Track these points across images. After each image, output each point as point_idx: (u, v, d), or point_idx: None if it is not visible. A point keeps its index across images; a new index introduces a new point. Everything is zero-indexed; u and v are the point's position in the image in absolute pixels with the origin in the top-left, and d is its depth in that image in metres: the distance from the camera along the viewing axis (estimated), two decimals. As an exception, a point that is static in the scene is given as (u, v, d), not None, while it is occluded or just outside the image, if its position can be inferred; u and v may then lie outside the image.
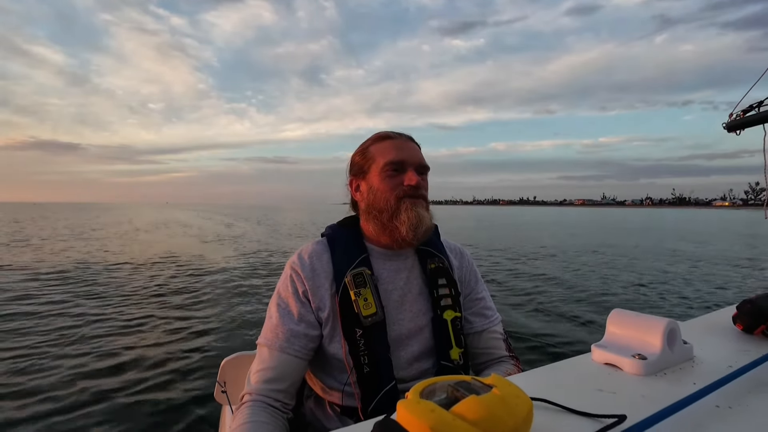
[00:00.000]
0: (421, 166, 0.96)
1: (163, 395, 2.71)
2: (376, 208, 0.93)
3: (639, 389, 0.52)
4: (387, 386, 0.85)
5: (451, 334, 0.92)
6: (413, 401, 0.38)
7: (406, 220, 0.90)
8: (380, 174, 0.93)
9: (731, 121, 1.12)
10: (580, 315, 4.85)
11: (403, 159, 0.93)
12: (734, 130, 1.13)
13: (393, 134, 0.98)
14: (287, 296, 0.91)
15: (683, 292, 6.19)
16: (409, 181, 0.91)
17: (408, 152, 0.94)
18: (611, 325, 0.64)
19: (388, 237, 0.94)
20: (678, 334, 0.60)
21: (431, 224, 0.94)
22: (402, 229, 0.90)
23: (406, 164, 0.93)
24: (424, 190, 0.94)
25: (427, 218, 0.92)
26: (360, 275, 0.89)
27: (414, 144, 0.99)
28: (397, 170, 0.93)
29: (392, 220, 0.91)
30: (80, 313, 4.78)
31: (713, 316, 0.86)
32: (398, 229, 0.91)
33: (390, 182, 0.92)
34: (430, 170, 0.99)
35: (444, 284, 0.95)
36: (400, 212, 0.91)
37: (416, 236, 0.91)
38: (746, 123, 1.09)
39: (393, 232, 0.92)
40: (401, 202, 0.91)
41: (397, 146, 0.95)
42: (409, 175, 0.92)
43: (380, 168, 0.93)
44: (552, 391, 0.51)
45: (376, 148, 0.96)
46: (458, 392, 0.41)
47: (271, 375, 0.84)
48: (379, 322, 0.87)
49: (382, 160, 0.93)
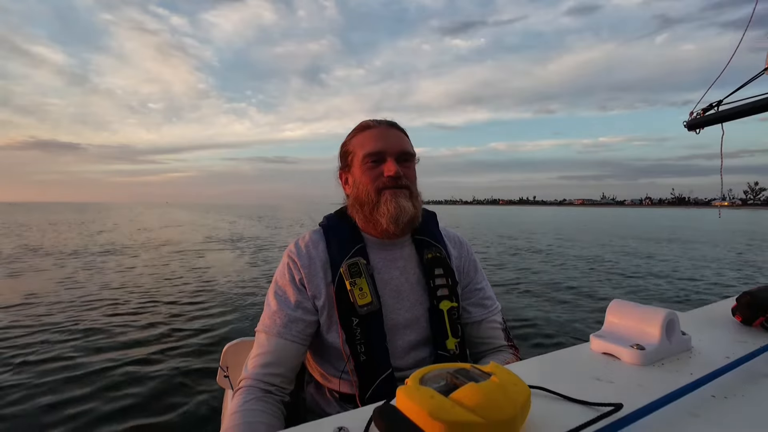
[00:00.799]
0: (403, 153, 0.93)
1: (167, 379, 2.76)
2: (359, 201, 0.92)
3: (636, 379, 0.53)
4: (383, 374, 0.85)
5: (447, 324, 0.92)
6: (413, 387, 0.39)
7: (386, 212, 0.89)
8: (361, 166, 0.92)
9: (691, 120, 1.14)
10: (580, 305, 4.88)
11: (382, 149, 0.91)
12: (694, 128, 1.15)
13: (373, 123, 0.95)
14: (284, 284, 0.91)
15: (683, 284, 6.20)
16: (388, 171, 0.89)
17: (387, 141, 0.92)
18: (611, 315, 0.64)
19: (374, 229, 0.93)
20: (677, 324, 0.60)
21: (416, 213, 0.92)
22: (383, 222, 0.89)
23: (386, 154, 0.91)
24: (406, 180, 0.92)
25: (409, 208, 0.90)
26: (355, 265, 0.89)
27: (396, 130, 0.96)
28: (376, 161, 0.91)
29: (373, 213, 0.90)
30: (84, 299, 4.83)
31: (713, 307, 0.86)
32: (379, 221, 0.90)
33: (370, 174, 0.91)
34: (417, 158, 0.97)
35: (441, 274, 0.94)
36: (380, 204, 0.89)
37: (398, 227, 0.90)
38: (706, 122, 1.10)
39: (376, 224, 0.92)
40: (381, 194, 0.89)
41: (376, 136, 0.92)
42: (388, 165, 0.90)
43: (360, 160, 0.92)
44: (550, 380, 0.51)
45: (357, 139, 0.94)
46: (457, 379, 0.41)
47: (268, 360, 0.85)
48: (375, 312, 0.87)
49: (362, 151, 0.92)
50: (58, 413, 2.30)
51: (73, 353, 3.16)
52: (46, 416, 2.28)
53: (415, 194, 0.94)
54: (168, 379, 2.77)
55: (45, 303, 4.65)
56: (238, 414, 0.77)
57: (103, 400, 2.46)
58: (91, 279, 6.02)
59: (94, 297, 4.94)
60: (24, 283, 5.79)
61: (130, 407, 2.40)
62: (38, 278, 6.09)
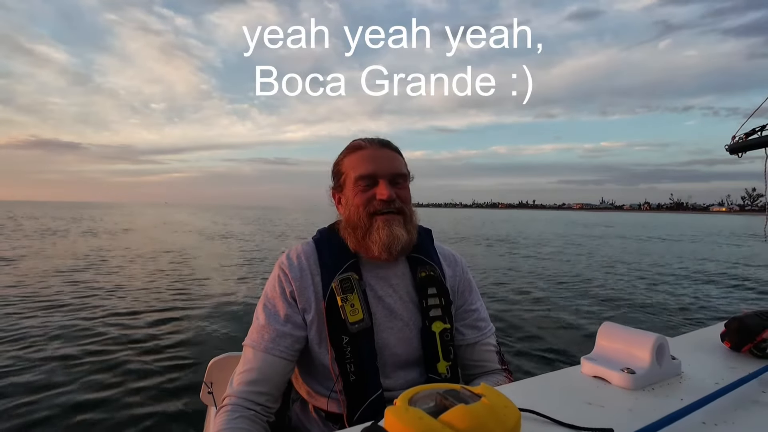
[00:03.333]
0: (396, 175, 0.90)
1: (149, 395, 2.68)
2: (351, 224, 0.91)
3: (627, 403, 0.52)
4: (373, 395, 0.83)
5: (438, 347, 0.90)
6: (401, 408, 0.38)
7: (377, 240, 0.87)
8: (353, 188, 0.90)
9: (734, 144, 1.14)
10: (571, 326, 4.87)
11: (374, 171, 0.88)
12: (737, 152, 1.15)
13: (364, 143, 0.93)
14: (274, 297, 0.90)
15: (673, 308, 6.24)
16: (381, 195, 0.87)
17: (379, 163, 0.89)
18: (601, 338, 0.64)
19: (365, 253, 0.92)
20: (666, 349, 0.61)
21: (410, 239, 0.91)
22: (374, 249, 0.88)
23: (377, 176, 0.88)
24: (400, 201, 0.90)
25: (402, 236, 0.87)
26: (348, 280, 0.87)
27: (389, 151, 0.93)
28: (368, 185, 0.89)
29: (365, 239, 0.88)
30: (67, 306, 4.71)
31: (702, 332, 0.87)
32: (371, 248, 0.88)
33: (362, 197, 0.89)
34: (411, 176, 0.96)
35: (434, 293, 0.92)
36: (372, 231, 0.87)
37: (391, 255, 0.88)
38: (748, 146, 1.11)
39: (367, 250, 0.90)
40: (373, 219, 0.88)
41: (367, 157, 0.90)
42: (380, 189, 0.87)
43: (353, 182, 0.90)
44: (540, 403, 0.51)
45: (348, 160, 0.93)
46: (447, 401, 0.41)
47: (254, 377, 0.83)
48: (366, 329, 0.85)
49: (353, 173, 0.90)
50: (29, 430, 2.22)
51: (46, 364, 3.05)
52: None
53: (409, 217, 0.92)
54: (148, 394, 2.69)
55: (19, 305, 4.53)
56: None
57: (78, 415, 2.37)
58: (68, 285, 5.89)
59: (67, 304, 4.82)
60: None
61: (107, 421, 2.32)
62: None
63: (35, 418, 2.32)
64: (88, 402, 2.53)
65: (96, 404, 2.51)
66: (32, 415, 2.34)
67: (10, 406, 2.42)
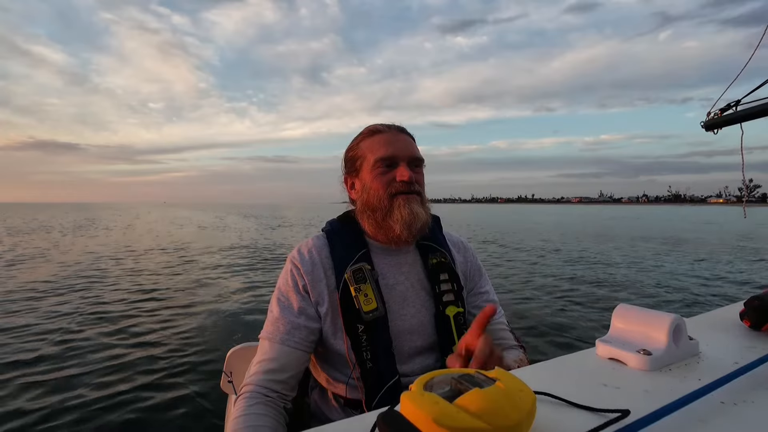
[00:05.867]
0: (414, 159, 0.92)
1: (171, 384, 2.76)
2: (370, 206, 0.91)
3: (643, 384, 0.52)
4: (390, 381, 0.85)
5: (453, 330, 0.91)
6: (417, 393, 0.39)
7: (399, 218, 0.88)
8: (372, 171, 0.91)
9: (709, 120, 1.13)
10: (585, 309, 4.84)
11: (394, 154, 0.90)
12: (712, 129, 1.14)
13: (383, 127, 0.95)
14: (287, 290, 0.91)
15: (689, 288, 6.15)
16: (401, 176, 0.88)
17: (399, 146, 0.91)
18: (616, 320, 0.64)
19: (384, 235, 0.92)
20: (684, 329, 0.60)
21: (427, 219, 0.92)
22: (396, 228, 0.89)
23: (398, 159, 0.90)
24: (418, 185, 0.91)
25: (422, 214, 0.90)
26: (360, 270, 0.88)
27: (406, 136, 0.95)
28: (388, 166, 0.90)
29: (386, 219, 0.89)
30: (87, 302, 4.85)
31: (720, 312, 0.85)
32: (392, 227, 0.89)
33: (382, 179, 0.90)
34: (424, 163, 0.96)
35: (446, 279, 0.94)
36: (393, 210, 0.88)
37: (411, 234, 0.89)
38: (724, 122, 1.10)
39: (388, 231, 0.91)
40: (394, 200, 0.89)
41: (387, 141, 0.91)
42: (400, 171, 0.89)
43: (371, 165, 0.91)
44: (556, 385, 0.51)
45: (366, 144, 0.93)
46: (462, 385, 0.41)
47: (270, 366, 0.85)
48: (381, 318, 0.87)
49: (372, 156, 0.91)
50: (55, 418, 2.31)
51: (70, 358, 3.16)
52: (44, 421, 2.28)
53: (425, 200, 0.93)
54: (171, 383, 2.77)
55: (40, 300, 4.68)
56: (241, 419, 0.77)
57: (103, 404, 2.46)
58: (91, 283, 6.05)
59: (92, 300, 4.96)
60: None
61: (132, 410, 2.40)
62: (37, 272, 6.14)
63: (61, 407, 2.41)
64: (109, 391, 2.62)
65: (117, 392, 2.60)
66: (57, 404, 2.43)
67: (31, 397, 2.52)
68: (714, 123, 1.12)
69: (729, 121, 1.08)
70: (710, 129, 1.14)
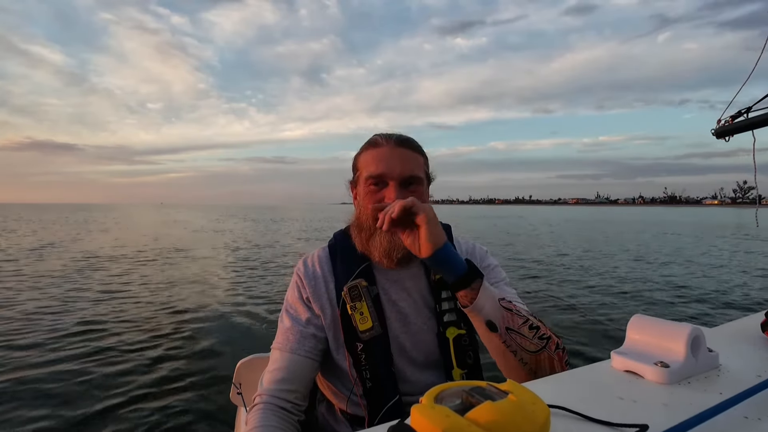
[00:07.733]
0: (408, 177, 0.84)
1: (180, 395, 2.76)
2: (359, 224, 0.89)
3: (661, 398, 0.50)
4: (390, 401, 0.83)
5: (452, 354, 0.86)
6: (428, 406, 0.38)
7: (378, 245, 0.85)
8: (364, 188, 0.87)
9: (720, 128, 1.10)
10: (599, 320, 4.75)
11: (383, 172, 0.83)
12: (723, 136, 1.10)
13: (381, 140, 0.88)
14: (294, 301, 0.91)
15: (707, 298, 6.00)
16: (388, 199, 0.82)
17: (392, 163, 0.84)
18: (632, 331, 0.62)
19: (371, 257, 0.89)
20: (703, 341, 0.58)
21: None
22: (375, 254, 0.86)
23: (386, 178, 0.84)
24: None
25: (402, 244, 0.79)
26: (355, 288, 0.85)
27: (405, 150, 0.86)
28: (377, 185, 0.85)
29: (369, 241, 0.86)
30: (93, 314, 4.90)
31: (740, 323, 0.83)
32: (372, 253, 0.87)
33: (371, 198, 0.85)
34: (428, 180, 0.91)
35: (448, 297, 0.88)
36: (375, 235, 0.85)
37: (393, 262, 0.86)
38: (735, 129, 1.07)
39: (370, 254, 0.88)
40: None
41: (380, 156, 0.85)
42: (388, 192, 0.83)
43: (364, 181, 0.87)
44: (570, 399, 0.49)
45: (364, 157, 0.89)
46: (473, 398, 0.40)
47: (282, 376, 0.84)
48: (378, 336, 0.84)
49: (365, 172, 0.86)
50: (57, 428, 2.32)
51: (80, 367, 3.19)
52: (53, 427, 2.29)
53: None
54: (180, 395, 2.77)
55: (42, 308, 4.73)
56: (255, 430, 0.76)
57: (107, 416, 2.47)
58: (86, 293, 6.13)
59: (96, 310, 5.01)
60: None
61: (140, 423, 2.40)
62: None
63: (70, 415, 2.42)
64: (118, 401, 2.62)
65: (125, 403, 2.61)
66: (66, 412, 2.44)
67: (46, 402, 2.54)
68: (725, 130, 1.09)
69: (741, 128, 1.06)
70: (721, 137, 1.11)
